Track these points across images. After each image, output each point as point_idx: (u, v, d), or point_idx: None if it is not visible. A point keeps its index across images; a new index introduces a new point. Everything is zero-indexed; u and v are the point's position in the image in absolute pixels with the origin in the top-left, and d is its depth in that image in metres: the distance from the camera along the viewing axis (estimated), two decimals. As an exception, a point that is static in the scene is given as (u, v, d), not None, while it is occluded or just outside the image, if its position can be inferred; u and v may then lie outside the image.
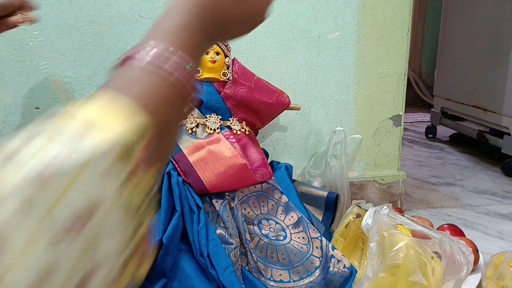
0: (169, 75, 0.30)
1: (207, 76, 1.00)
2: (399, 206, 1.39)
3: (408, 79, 2.37)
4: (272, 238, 0.90)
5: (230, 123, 1.02)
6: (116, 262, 0.25)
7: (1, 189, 0.20)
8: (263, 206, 0.95)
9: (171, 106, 0.31)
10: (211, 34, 0.37)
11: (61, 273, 0.22)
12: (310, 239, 0.92)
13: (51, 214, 0.21)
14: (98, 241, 0.23)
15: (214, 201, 0.90)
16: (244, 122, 1.04)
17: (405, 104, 1.36)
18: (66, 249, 0.22)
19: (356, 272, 0.90)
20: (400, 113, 1.35)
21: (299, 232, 0.93)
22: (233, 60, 1.09)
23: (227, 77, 1.02)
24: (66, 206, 0.22)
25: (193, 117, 0.98)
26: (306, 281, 0.85)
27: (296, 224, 0.94)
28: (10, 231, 0.20)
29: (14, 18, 0.69)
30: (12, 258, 0.20)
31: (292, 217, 0.95)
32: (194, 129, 0.96)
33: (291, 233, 0.92)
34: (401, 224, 0.96)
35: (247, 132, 1.03)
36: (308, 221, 0.95)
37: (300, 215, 0.95)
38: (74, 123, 0.24)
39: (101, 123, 0.24)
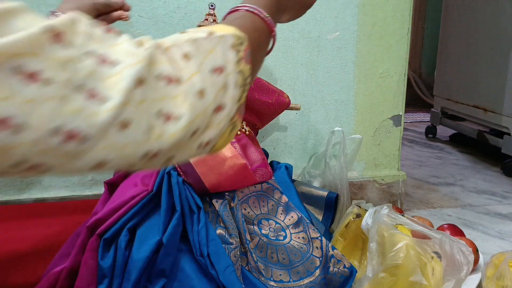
0: (259, 14, 0.49)
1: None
2: (399, 206, 1.39)
3: (408, 79, 2.37)
4: (272, 238, 0.90)
5: (230, 123, 1.01)
6: (232, 108, 0.41)
7: (175, 44, 0.38)
8: (263, 206, 0.95)
9: (260, 34, 0.49)
10: (278, 10, 0.55)
11: (208, 97, 0.38)
12: (310, 239, 0.92)
13: (205, 60, 0.39)
14: (226, 88, 0.40)
15: (214, 201, 0.90)
16: (244, 122, 1.04)
17: (405, 104, 1.36)
18: (211, 83, 0.39)
19: (356, 272, 0.90)
20: (400, 113, 1.35)
21: (299, 232, 0.93)
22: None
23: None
24: (212, 59, 0.39)
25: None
26: (306, 281, 0.85)
27: (296, 224, 0.94)
28: (182, 67, 0.37)
29: (116, 14, 0.85)
30: (186, 78, 0.37)
31: (292, 217, 0.95)
32: (194, 129, 0.96)
33: (291, 233, 0.92)
34: (401, 224, 0.96)
35: (247, 132, 1.03)
36: (308, 221, 0.95)
37: (300, 215, 0.95)
38: (203, 30, 0.41)
39: (220, 30, 0.42)
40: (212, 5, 1.00)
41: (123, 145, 0.33)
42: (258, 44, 0.48)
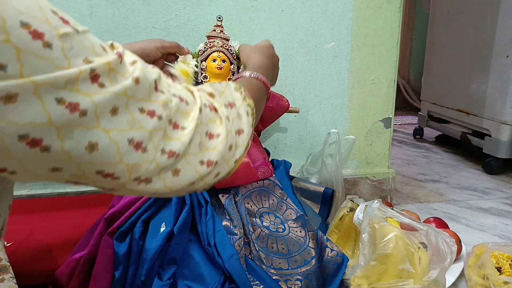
0: (259, 79, 0.61)
1: (214, 81, 1.00)
2: (389, 201, 1.38)
3: (398, 85, 2.36)
4: (273, 230, 0.90)
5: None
6: (250, 131, 0.49)
7: (200, 88, 0.48)
8: (265, 201, 0.95)
9: (260, 94, 0.59)
10: (273, 76, 0.72)
11: (232, 122, 0.46)
12: (307, 232, 0.91)
13: (221, 99, 0.47)
14: (240, 117, 0.48)
15: (220, 195, 0.90)
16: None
17: (395, 108, 1.36)
18: (230, 112, 0.47)
19: (348, 259, 0.89)
20: (390, 116, 1.35)
21: (297, 226, 0.93)
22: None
23: (232, 83, 1.02)
24: (226, 96, 0.48)
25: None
26: (303, 269, 0.85)
27: (295, 219, 0.94)
28: None
29: (170, 58, 0.86)
30: (218, 107, 0.47)
31: (291, 212, 0.95)
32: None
33: (289, 227, 0.92)
34: (390, 217, 0.95)
35: (250, 133, 1.03)
36: (306, 217, 0.95)
37: (298, 210, 0.95)
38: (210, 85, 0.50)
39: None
40: (219, 18, 1.00)
41: (195, 154, 0.42)
42: (259, 100, 0.59)
